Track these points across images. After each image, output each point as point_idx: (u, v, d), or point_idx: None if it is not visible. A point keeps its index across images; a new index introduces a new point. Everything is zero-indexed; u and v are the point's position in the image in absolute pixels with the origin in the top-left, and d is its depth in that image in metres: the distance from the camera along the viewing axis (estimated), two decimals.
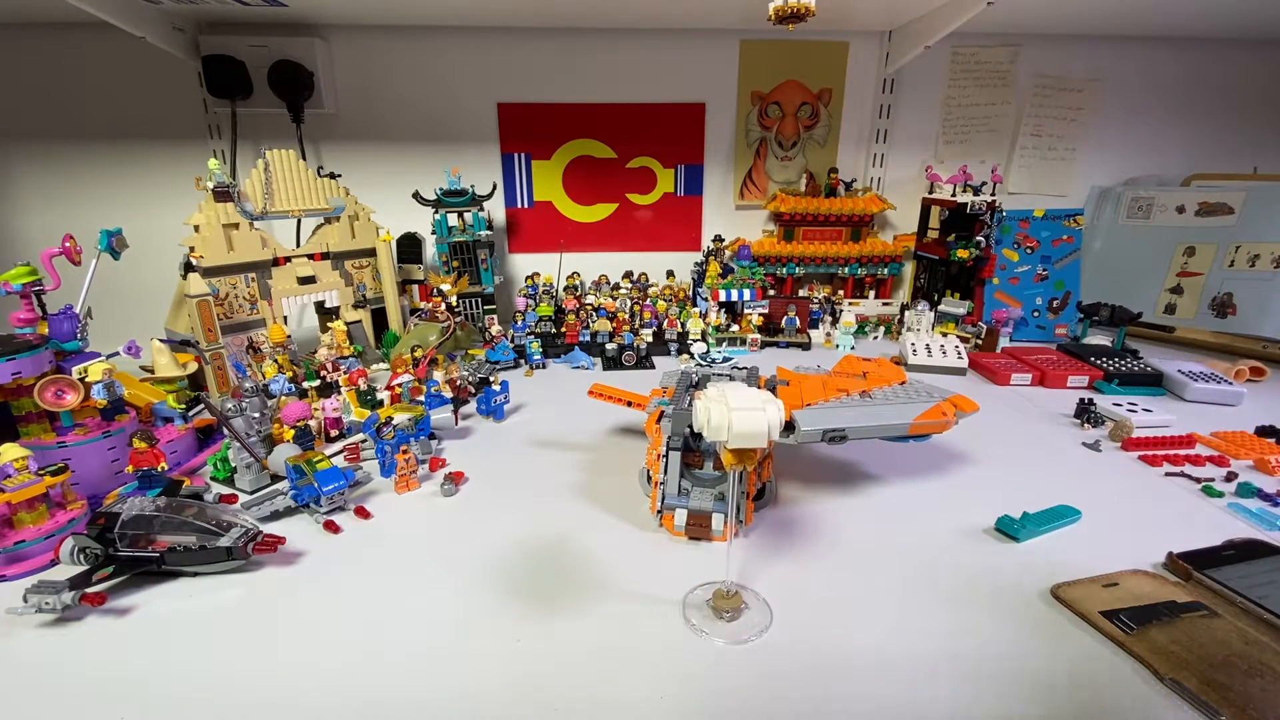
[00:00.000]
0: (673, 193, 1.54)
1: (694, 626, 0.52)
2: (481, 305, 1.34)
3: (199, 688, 0.46)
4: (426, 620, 0.53)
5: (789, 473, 0.77)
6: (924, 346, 1.21)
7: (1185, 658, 0.47)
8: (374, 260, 1.17)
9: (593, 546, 0.63)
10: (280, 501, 0.68)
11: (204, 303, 0.89)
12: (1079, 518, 0.68)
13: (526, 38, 1.38)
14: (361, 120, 1.40)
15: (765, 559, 0.61)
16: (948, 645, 0.50)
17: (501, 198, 1.49)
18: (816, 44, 1.44)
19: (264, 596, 0.56)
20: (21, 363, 0.65)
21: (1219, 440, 0.86)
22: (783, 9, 0.92)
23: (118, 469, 0.72)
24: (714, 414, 0.46)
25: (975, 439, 0.87)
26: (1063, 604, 0.54)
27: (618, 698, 0.45)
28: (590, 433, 0.91)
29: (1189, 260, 1.34)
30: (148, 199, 1.36)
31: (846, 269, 1.50)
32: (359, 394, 0.93)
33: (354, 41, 1.34)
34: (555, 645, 0.50)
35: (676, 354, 1.27)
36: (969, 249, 1.33)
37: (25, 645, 0.50)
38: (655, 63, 1.43)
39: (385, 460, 0.78)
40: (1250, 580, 0.54)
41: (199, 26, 1.26)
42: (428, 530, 0.67)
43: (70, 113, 1.32)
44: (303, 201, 1.05)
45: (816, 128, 1.52)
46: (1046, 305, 1.39)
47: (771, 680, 0.47)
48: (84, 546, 0.55)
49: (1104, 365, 1.12)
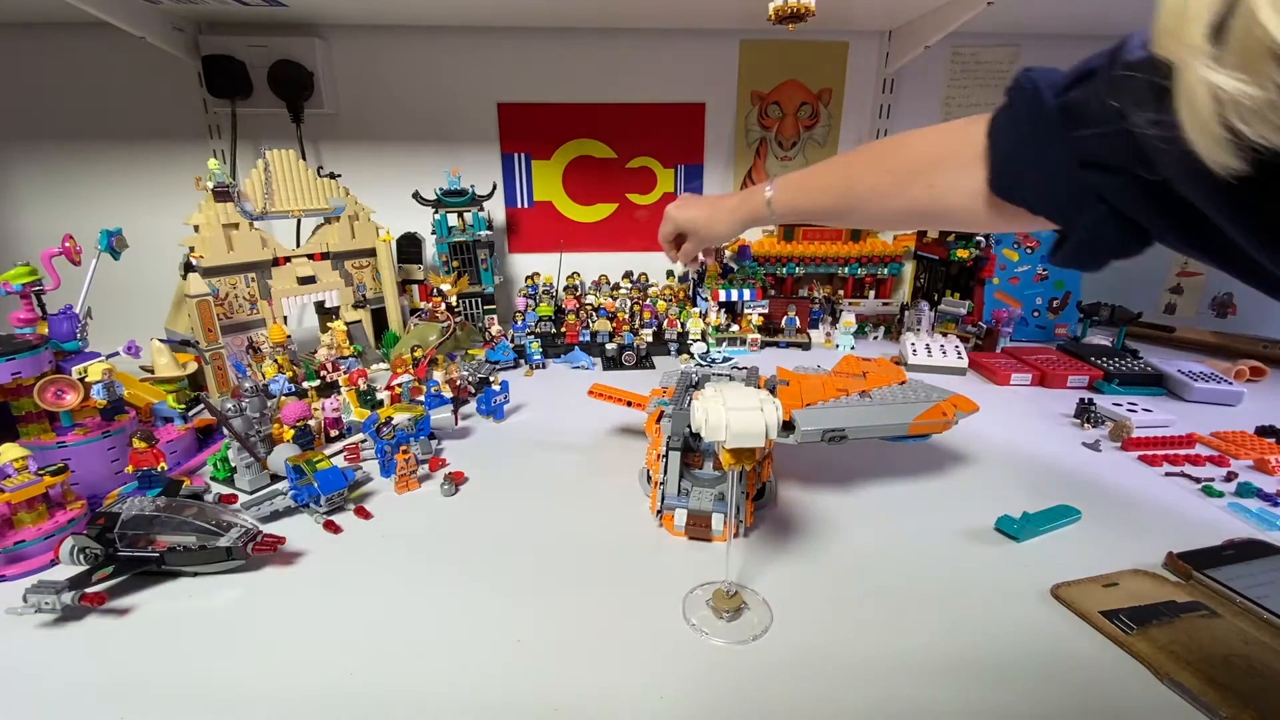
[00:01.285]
0: (673, 193, 1.54)
1: (694, 626, 0.52)
2: (481, 305, 1.34)
3: (199, 688, 0.46)
4: (426, 620, 0.53)
5: (789, 473, 0.77)
6: (924, 346, 1.21)
7: (1185, 658, 0.47)
8: (374, 260, 1.16)
9: (593, 546, 0.63)
10: (280, 501, 0.68)
11: (204, 303, 0.89)
12: (1079, 518, 0.68)
13: (526, 38, 1.38)
14: (361, 120, 1.40)
15: (765, 559, 0.61)
16: (947, 645, 0.50)
17: (501, 198, 1.49)
18: (816, 44, 1.44)
19: (264, 596, 0.56)
20: (21, 363, 0.65)
21: (1219, 440, 0.86)
22: (782, 9, 0.92)
23: (117, 469, 0.72)
24: (711, 414, 0.46)
25: (975, 439, 0.87)
26: (1063, 604, 0.54)
27: (618, 698, 0.45)
28: (590, 433, 0.91)
29: (1189, 260, 1.34)
30: (148, 199, 1.36)
31: (846, 269, 1.49)
32: (359, 394, 0.93)
33: (354, 41, 1.34)
34: (555, 645, 0.50)
35: (676, 354, 1.27)
36: (969, 249, 1.33)
37: (25, 645, 0.50)
38: (655, 63, 1.43)
39: (385, 460, 0.78)
40: (1250, 580, 0.54)
41: (199, 26, 1.26)
42: (428, 530, 0.67)
43: (70, 113, 1.32)
44: (303, 201, 1.05)
45: (816, 128, 1.52)
46: (1046, 305, 1.39)
47: (771, 680, 0.47)
48: (84, 546, 0.55)
49: (1104, 365, 1.12)
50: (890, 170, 0.59)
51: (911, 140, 0.59)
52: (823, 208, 0.67)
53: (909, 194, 0.58)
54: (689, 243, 0.81)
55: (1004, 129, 0.50)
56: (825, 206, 0.67)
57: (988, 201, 0.52)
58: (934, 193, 0.56)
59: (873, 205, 0.62)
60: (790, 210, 0.70)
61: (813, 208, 0.68)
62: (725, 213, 0.76)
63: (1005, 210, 0.51)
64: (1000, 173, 0.50)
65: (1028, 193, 0.49)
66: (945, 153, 0.55)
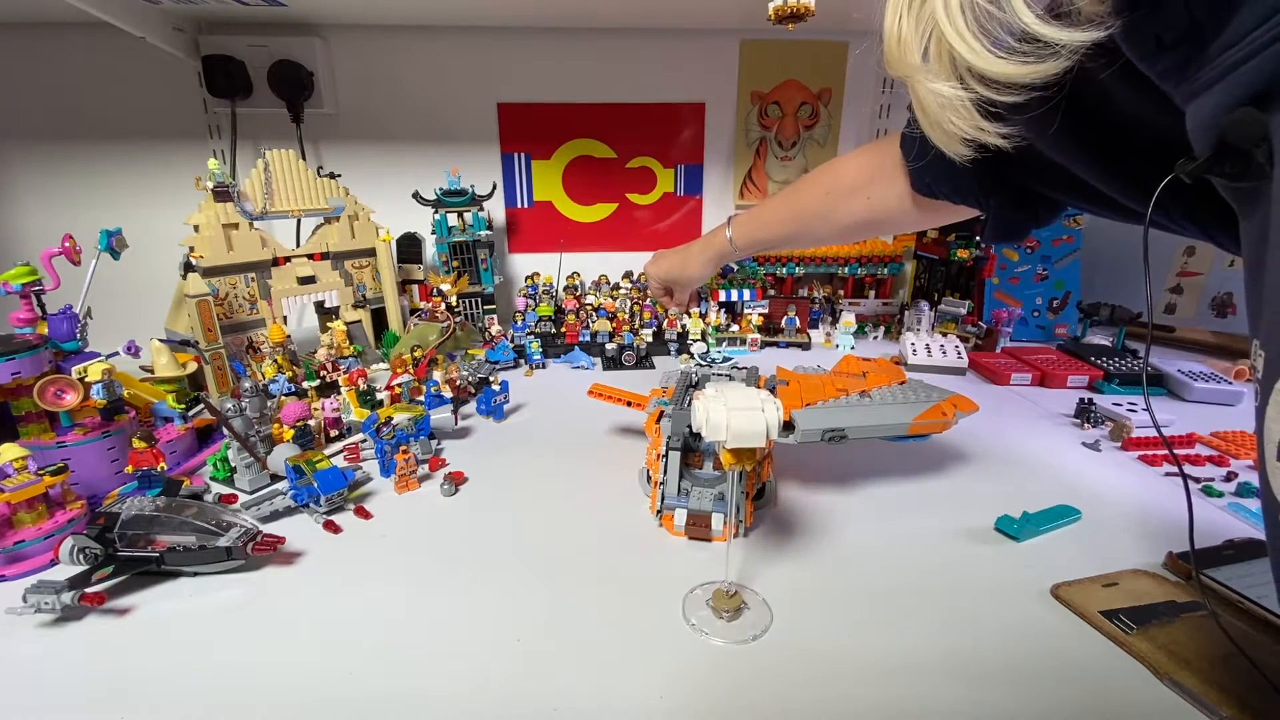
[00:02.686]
0: (673, 193, 1.54)
1: (694, 626, 0.52)
2: (481, 305, 1.34)
3: (199, 688, 0.46)
4: (426, 620, 0.53)
5: (789, 473, 0.77)
6: (924, 346, 1.21)
7: (1185, 658, 0.47)
8: (374, 260, 1.16)
9: (592, 546, 0.63)
10: (280, 501, 0.68)
11: (204, 303, 0.89)
12: (1079, 518, 0.68)
13: (526, 38, 1.38)
14: (361, 120, 1.40)
15: (765, 559, 0.61)
16: (947, 645, 0.50)
17: (501, 198, 1.49)
18: (816, 44, 1.44)
19: (264, 596, 0.56)
20: (21, 363, 0.65)
21: (1219, 440, 0.86)
22: (782, 9, 0.92)
23: (117, 469, 0.72)
24: (712, 414, 0.46)
25: (975, 439, 0.87)
26: (1063, 604, 0.54)
27: (617, 698, 0.45)
28: (590, 433, 0.91)
29: (1189, 260, 1.34)
30: (148, 199, 1.36)
31: (846, 269, 1.50)
32: (359, 394, 0.93)
33: (354, 41, 1.34)
34: (555, 645, 0.50)
35: (676, 354, 1.27)
36: (969, 249, 1.33)
37: (25, 645, 0.50)
38: (655, 63, 1.43)
39: (385, 460, 0.78)
40: (1250, 580, 0.54)
41: (199, 26, 1.26)
42: (428, 530, 0.67)
43: (70, 113, 1.32)
44: (303, 201, 1.05)
45: (816, 127, 1.52)
46: (1046, 305, 1.39)
47: (771, 680, 0.47)
48: (84, 546, 0.55)
49: (1104, 365, 1.12)
50: (829, 192, 0.71)
51: (843, 165, 0.71)
52: (778, 236, 0.78)
53: (850, 208, 0.69)
54: (676, 291, 0.92)
55: (909, 140, 0.61)
56: (780, 234, 0.78)
57: (915, 201, 0.64)
58: (871, 203, 0.67)
59: (819, 225, 0.73)
60: (750, 243, 0.80)
61: (769, 238, 0.78)
62: (695, 257, 0.86)
63: (932, 205, 0.62)
64: (916, 173, 0.61)
65: (942, 185, 0.60)
66: (873, 169, 0.66)
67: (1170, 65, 0.32)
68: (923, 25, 0.38)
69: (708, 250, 0.84)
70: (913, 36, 0.39)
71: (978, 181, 0.56)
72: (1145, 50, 0.33)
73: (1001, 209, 0.57)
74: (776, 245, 0.80)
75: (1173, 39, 0.31)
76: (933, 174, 0.59)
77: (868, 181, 0.67)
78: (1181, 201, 0.39)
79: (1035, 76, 0.35)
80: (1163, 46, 0.32)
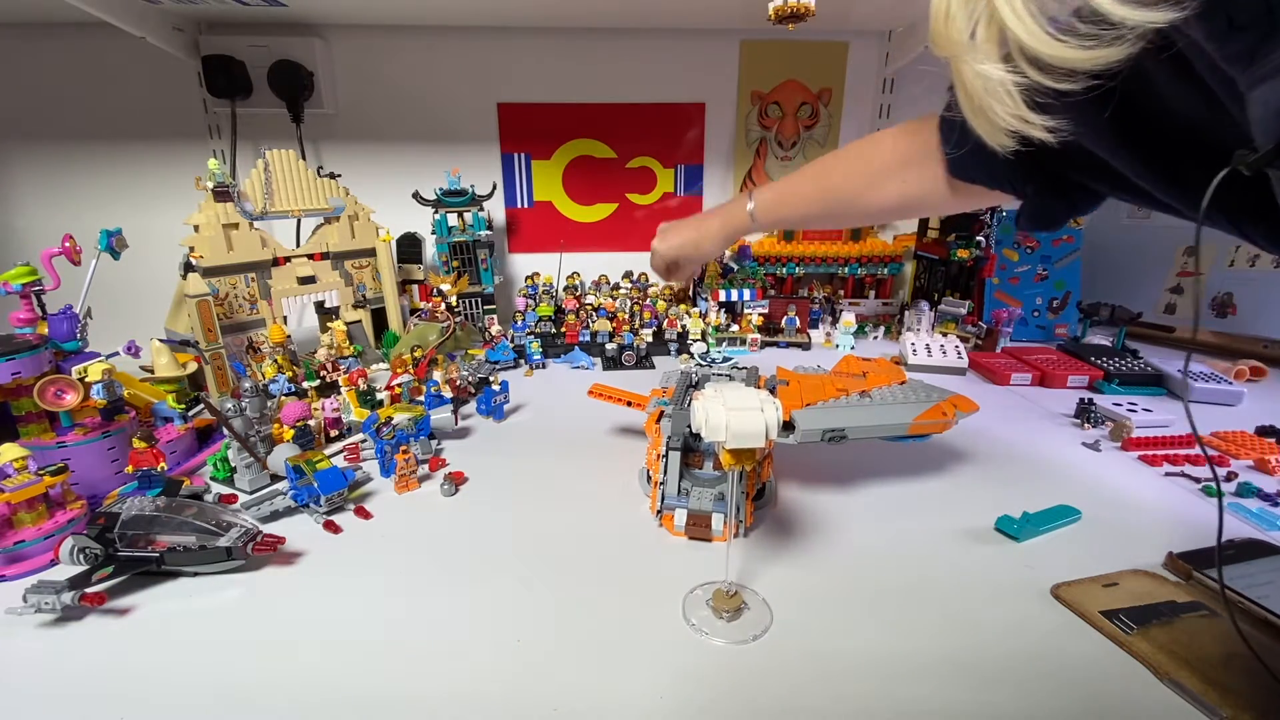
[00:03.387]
0: (673, 193, 1.54)
1: (694, 626, 0.52)
2: (481, 305, 1.34)
3: (199, 688, 0.46)
4: (426, 620, 0.53)
5: (789, 473, 0.77)
6: (924, 346, 1.21)
7: (1185, 658, 0.47)
8: (374, 260, 1.16)
9: (592, 546, 0.63)
10: (280, 501, 0.68)
11: (204, 303, 0.89)
12: (1079, 518, 0.68)
13: (526, 38, 1.38)
14: (361, 120, 1.40)
15: (765, 559, 0.61)
16: (947, 645, 0.50)
17: (501, 198, 1.49)
18: (816, 44, 1.44)
19: (264, 596, 0.56)
20: (21, 363, 0.65)
21: (1219, 440, 0.86)
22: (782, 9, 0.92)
23: (117, 469, 0.72)
24: (711, 414, 0.46)
25: (975, 439, 0.87)
26: (1063, 604, 0.54)
27: (618, 698, 0.45)
28: (590, 433, 0.91)
29: (1189, 260, 1.34)
30: (148, 199, 1.36)
31: (846, 269, 1.50)
32: (359, 394, 0.93)
33: (354, 41, 1.34)
34: (555, 645, 0.50)
35: (676, 354, 1.27)
36: (969, 249, 1.33)
37: (25, 645, 0.50)
38: (655, 63, 1.43)
39: (385, 460, 0.78)
40: (1250, 580, 0.54)
41: (199, 26, 1.26)
42: (428, 530, 0.67)
43: (70, 113, 1.32)
44: (303, 201, 1.05)
45: (816, 128, 1.52)
46: (1046, 305, 1.39)
47: (771, 680, 0.47)
48: (84, 546, 0.55)
49: (1104, 365, 1.12)
50: (863, 174, 0.68)
51: (878, 147, 0.67)
52: (803, 214, 0.75)
53: (884, 192, 0.66)
54: (683, 267, 0.85)
55: (948, 123, 0.58)
56: (804, 214, 0.74)
57: (950, 185, 0.62)
58: (906, 188, 0.65)
59: (848, 208, 0.70)
60: (773, 220, 0.76)
61: (792, 216, 0.75)
62: (712, 232, 0.81)
63: (966, 189, 0.61)
64: (954, 160, 0.59)
65: (979, 172, 0.58)
66: (909, 152, 0.64)
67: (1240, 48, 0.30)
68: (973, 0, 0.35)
69: (726, 226, 0.79)
70: (961, 12, 0.36)
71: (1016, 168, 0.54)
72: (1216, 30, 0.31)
73: (1039, 195, 0.55)
74: (798, 225, 0.77)
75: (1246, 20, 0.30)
76: (972, 160, 0.57)
77: (902, 166, 0.64)
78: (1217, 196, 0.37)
79: (1095, 63, 0.33)
80: (1235, 27, 0.30)
